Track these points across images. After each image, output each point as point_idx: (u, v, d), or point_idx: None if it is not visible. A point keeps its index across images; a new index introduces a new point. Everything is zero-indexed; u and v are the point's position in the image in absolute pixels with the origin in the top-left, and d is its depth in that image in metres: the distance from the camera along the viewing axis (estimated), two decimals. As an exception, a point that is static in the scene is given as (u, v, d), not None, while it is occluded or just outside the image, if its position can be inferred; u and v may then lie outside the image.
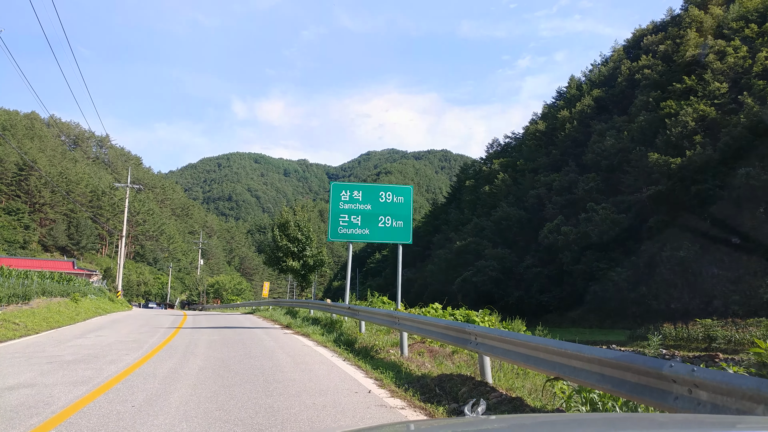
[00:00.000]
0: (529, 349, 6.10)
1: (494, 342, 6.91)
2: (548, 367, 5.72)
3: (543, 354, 5.83)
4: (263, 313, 28.22)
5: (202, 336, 15.35)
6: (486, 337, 7.07)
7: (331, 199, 17.37)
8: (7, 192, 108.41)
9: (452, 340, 8.02)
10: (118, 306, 38.70)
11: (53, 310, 21.80)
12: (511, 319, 17.32)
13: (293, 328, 17.95)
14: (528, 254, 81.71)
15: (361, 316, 13.95)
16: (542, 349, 5.84)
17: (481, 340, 7.19)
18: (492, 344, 6.92)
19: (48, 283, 28.91)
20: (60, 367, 8.98)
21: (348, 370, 9.02)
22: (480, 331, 7.18)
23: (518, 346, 6.32)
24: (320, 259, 30.41)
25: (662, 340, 44.80)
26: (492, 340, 6.92)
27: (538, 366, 5.96)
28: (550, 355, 5.72)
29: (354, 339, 12.67)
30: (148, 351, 11.52)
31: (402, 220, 17.34)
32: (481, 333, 7.16)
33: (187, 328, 18.93)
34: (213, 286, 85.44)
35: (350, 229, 17.17)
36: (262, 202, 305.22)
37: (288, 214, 31.85)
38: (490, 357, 7.23)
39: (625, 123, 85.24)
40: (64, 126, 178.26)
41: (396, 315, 10.86)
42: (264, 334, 16.40)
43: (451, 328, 8.04)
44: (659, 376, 4.19)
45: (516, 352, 6.39)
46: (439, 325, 8.56)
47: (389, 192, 17.46)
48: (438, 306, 17.73)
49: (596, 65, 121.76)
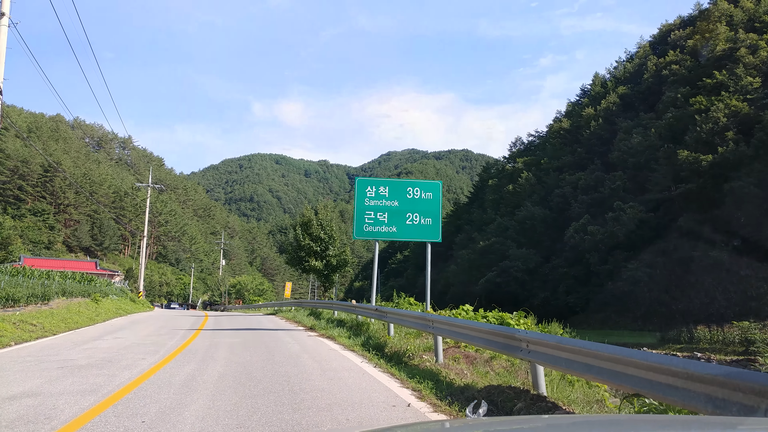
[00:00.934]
0: (599, 360, 5.24)
1: (550, 350, 6.07)
2: (623, 381, 4.87)
3: (619, 366, 4.97)
4: (286, 314, 27.59)
5: (222, 338, 14.69)
6: (540, 344, 6.22)
7: (356, 195, 16.60)
8: (33, 193, 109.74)
9: (498, 347, 7.17)
10: (139, 307, 38.44)
11: (73, 311, 21.39)
12: (547, 322, 16.43)
13: (317, 330, 17.22)
14: (553, 254, 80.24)
15: (389, 318, 13.16)
16: (617, 360, 4.99)
17: (534, 347, 6.35)
18: (548, 352, 6.08)
19: (69, 284, 28.62)
20: (70, 372, 8.34)
21: (381, 378, 8.22)
22: (533, 338, 6.34)
23: (584, 356, 5.46)
24: (343, 258, 29.67)
25: (696, 343, 43.35)
26: (548, 348, 6.07)
27: (610, 379, 5.11)
28: (626, 367, 4.87)
29: (383, 343, 11.88)
30: (165, 355, 10.86)
31: (431, 217, 16.52)
32: (534, 340, 6.31)
33: (208, 329, 18.32)
34: (235, 287, 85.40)
35: (376, 227, 16.38)
36: (284, 203, 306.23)
37: (310, 213, 31.23)
38: (546, 367, 6.38)
39: (653, 120, 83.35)
40: (88, 128, 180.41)
41: (429, 318, 10.05)
42: (287, 336, 15.70)
43: (497, 333, 7.19)
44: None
45: (581, 363, 5.54)
46: (481, 330, 7.71)
47: (417, 187, 16.64)
48: (469, 308, 16.88)
49: (621, 62, 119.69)
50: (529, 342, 6.40)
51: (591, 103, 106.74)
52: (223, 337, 14.99)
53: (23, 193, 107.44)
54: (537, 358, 6.29)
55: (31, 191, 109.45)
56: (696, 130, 69.16)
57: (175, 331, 17.11)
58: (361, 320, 16.64)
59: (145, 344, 12.98)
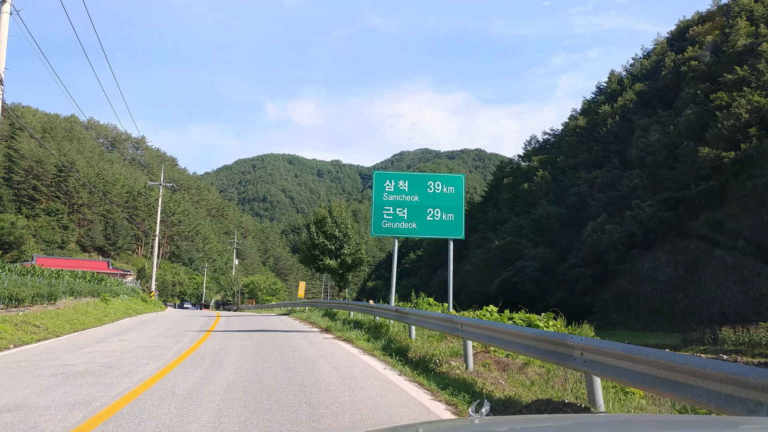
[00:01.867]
0: (674, 373, 4.34)
1: (610, 359, 5.16)
2: (699, 397, 3.97)
3: (701, 381, 4.07)
4: (299, 315, 26.77)
5: (233, 341, 13.89)
6: (600, 353, 5.32)
7: (373, 189, 15.72)
8: (47, 193, 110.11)
9: (544, 355, 6.26)
10: (150, 307, 37.85)
11: (80, 311, 20.73)
12: (577, 323, 15.47)
13: (333, 331, 16.35)
14: (570, 254, 78.88)
15: (410, 320, 12.28)
16: (697, 374, 4.08)
17: (590, 356, 5.44)
18: (610, 363, 5.17)
19: (78, 283, 28.03)
20: (64, 380, 7.54)
21: (408, 388, 7.33)
22: (590, 345, 5.43)
23: (655, 367, 4.56)
24: (359, 257, 28.74)
25: (720, 344, 42.02)
26: (610, 358, 5.16)
27: (685, 395, 4.20)
28: (710, 382, 3.96)
29: (405, 347, 10.99)
30: (171, 360, 10.06)
31: (453, 213, 15.60)
32: (592, 347, 5.41)
33: (219, 331, 17.53)
34: (248, 286, 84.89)
35: (395, 223, 15.51)
36: (296, 203, 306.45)
37: (324, 210, 30.37)
38: (606, 380, 5.48)
39: (671, 117, 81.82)
40: (102, 128, 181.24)
41: (457, 320, 9.15)
42: (302, 338, 14.87)
43: (544, 339, 6.28)
44: None
45: (648, 375, 4.63)
46: (523, 335, 6.80)
47: (438, 181, 15.74)
48: (493, 309, 16.00)
49: (638, 59, 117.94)
50: (585, 350, 5.49)
51: (607, 100, 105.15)
52: (234, 340, 14.19)
53: (38, 192, 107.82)
54: (596, 369, 5.38)
55: (46, 191, 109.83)
56: (717, 127, 67.56)
57: (185, 333, 16.34)
58: (379, 321, 15.78)
59: (150, 347, 12.20)
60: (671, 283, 61.02)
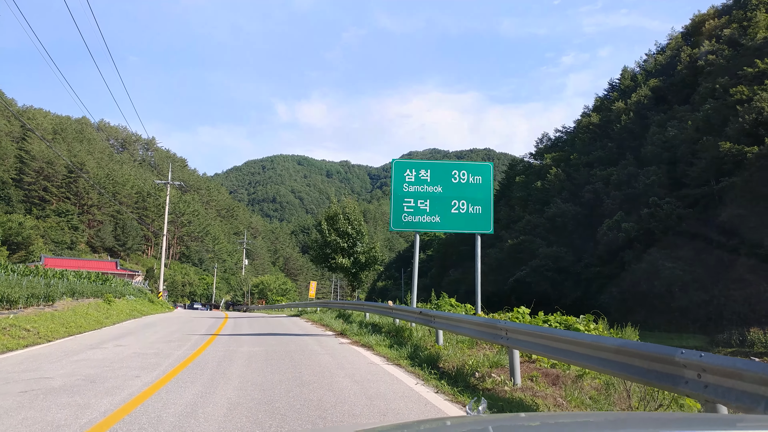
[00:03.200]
0: None
1: (742, 384, 3.76)
2: None
3: None
4: (311, 316, 25.42)
5: (240, 346, 12.56)
6: (725, 374, 3.91)
7: (393, 180, 14.33)
8: (58, 194, 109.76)
9: (641, 376, 4.78)
10: (157, 308, 36.69)
11: (80, 313, 19.49)
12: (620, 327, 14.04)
13: (349, 335, 14.96)
14: (585, 252, 77.07)
15: (437, 324, 10.87)
16: None
17: (713, 378, 4.02)
18: (739, 388, 3.76)
19: (81, 283, 26.88)
20: (31, 400, 6.22)
21: (452, 412, 5.94)
22: (710, 364, 4.02)
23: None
24: (372, 255, 27.18)
25: (749, 346, 40.33)
26: (736, 381, 3.75)
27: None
28: None
29: (435, 355, 9.59)
30: (167, 370, 8.74)
31: (480, 205, 14.19)
32: (713, 367, 3.99)
33: (225, 335, 16.22)
34: (258, 287, 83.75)
35: (417, 217, 14.12)
36: (306, 204, 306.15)
37: (336, 207, 28.92)
38: (731, 408, 4.05)
39: (688, 112, 79.83)
40: (113, 130, 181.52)
41: (502, 326, 7.74)
42: (316, 344, 13.50)
43: (636, 354, 4.81)
44: None
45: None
46: (603, 347, 5.34)
47: (464, 170, 14.33)
48: (525, 310, 14.56)
49: (651, 54, 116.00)
50: (706, 370, 4.07)
51: (620, 97, 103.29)
52: (241, 345, 12.86)
53: (48, 194, 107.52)
54: (722, 397, 3.95)
55: (56, 192, 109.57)
56: (738, 121, 65.60)
57: (188, 337, 15.03)
58: (400, 325, 14.40)
59: (147, 354, 10.89)
60: (692, 283, 59.21)
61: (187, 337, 14.98)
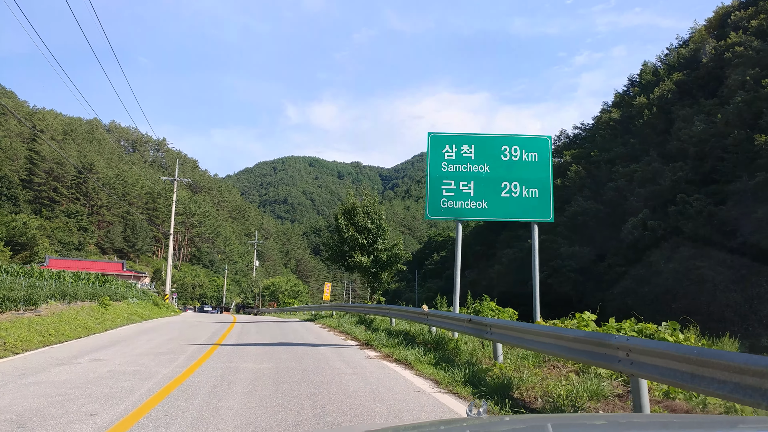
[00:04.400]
0: None
1: None
2: None
3: None
4: (327, 321, 22.92)
5: (244, 362, 10.10)
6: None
7: (429, 158, 11.82)
8: (67, 195, 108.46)
9: None
10: (162, 311, 34.43)
11: (66, 319, 17.16)
12: (716, 338, 11.53)
13: (377, 347, 12.41)
14: (609, 252, 74.12)
15: (496, 335, 8.33)
16: None
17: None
18: None
19: (77, 285, 24.66)
20: None
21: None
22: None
23: None
24: (395, 253, 24.45)
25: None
26: None
27: None
28: None
29: (504, 380, 7.05)
30: (139, 402, 6.30)
31: (537, 187, 11.65)
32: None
33: (228, 344, 13.77)
34: (269, 288, 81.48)
35: (459, 202, 11.61)
36: (317, 205, 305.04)
37: (354, 199, 26.29)
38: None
39: (717, 106, 76.64)
40: (124, 131, 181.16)
41: (620, 344, 5.16)
42: (337, 358, 11.01)
43: None
44: None
45: None
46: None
47: (516, 145, 11.78)
48: (591, 317, 11.99)
49: (673, 48, 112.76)
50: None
51: (642, 91, 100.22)
52: (245, 360, 10.40)
53: (57, 194, 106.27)
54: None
55: (66, 193, 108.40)
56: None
57: (184, 348, 12.61)
58: (437, 334, 11.88)
59: (124, 374, 8.46)
60: (726, 284, 56.17)
61: (183, 348, 12.56)
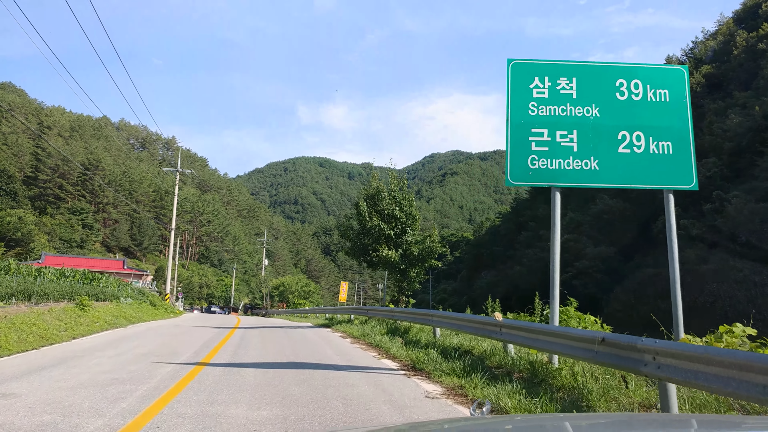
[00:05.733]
0: None
1: None
2: None
3: None
4: (347, 328, 19.07)
5: (233, 406, 6.40)
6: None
7: (509, 97, 8.01)
8: (73, 192, 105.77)
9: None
10: (159, 312, 30.88)
11: (19, 323, 13.59)
12: None
13: (432, 374, 8.56)
14: (637, 252, 70.04)
15: (667, 371, 4.55)
16: None
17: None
18: None
19: (56, 283, 21.19)
20: None
21: None
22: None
23: None
24: (428, 246, 20.31)
25: None
26: None
27: None
28: None
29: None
30: None
31: (670, 140, 7.93)
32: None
33: (219, 364, 10.08)
34: (278, 288, 77.84)
35: (556, 161, 7.86)
36: (327, 205, 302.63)
37: (379, 182, 22.39)
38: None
39: (752, 98, 72.44)
40: (133, 129, 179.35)
41: None
42: (381, 398, 7.26)
43: None
44: None
45: None
46: None
47: (637, 79, 8.01)
48: (744, 329, 8.20)
49: (701, 41, 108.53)
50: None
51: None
52: (236, 400, 6.70)
53: (63, 191, 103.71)
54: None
55: (71, 190, 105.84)
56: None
57: (153, 370, 8.92)
58: (517, 357, 8.11)
59: (36, 428, 4.79)
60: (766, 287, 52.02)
61: (152, 371, 8.86)
